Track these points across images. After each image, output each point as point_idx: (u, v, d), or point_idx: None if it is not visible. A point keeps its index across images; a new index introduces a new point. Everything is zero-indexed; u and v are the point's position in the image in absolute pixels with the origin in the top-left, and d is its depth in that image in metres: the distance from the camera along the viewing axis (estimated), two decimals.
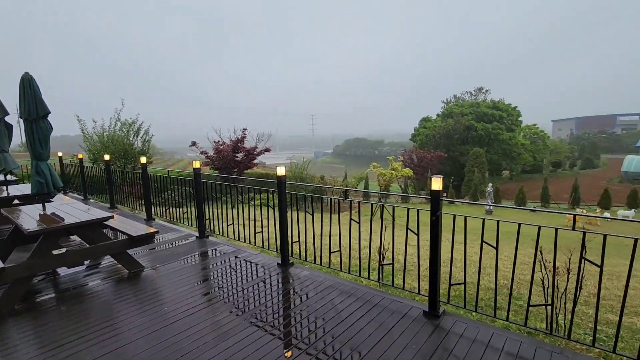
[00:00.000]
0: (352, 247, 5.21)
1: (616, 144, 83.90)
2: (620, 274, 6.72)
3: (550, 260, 3.15)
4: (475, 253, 6.12)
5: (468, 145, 35.65)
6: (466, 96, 48.87)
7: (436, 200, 3.13)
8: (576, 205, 22.54)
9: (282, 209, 4.50)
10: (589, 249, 2.64)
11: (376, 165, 16.38)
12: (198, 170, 5.59)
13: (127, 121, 13.31)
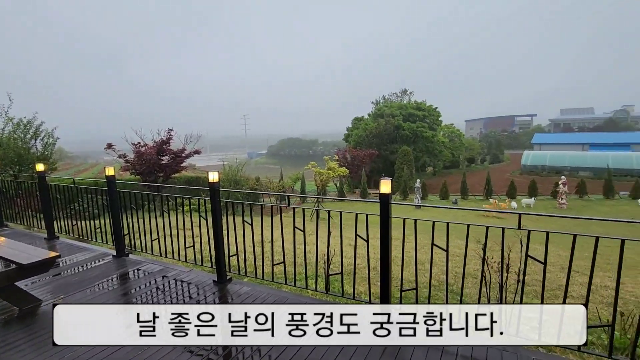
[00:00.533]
0: (297, 254, 4.92)
1: (515, 141, 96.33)
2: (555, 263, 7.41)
3: (492, 257, 3.22)
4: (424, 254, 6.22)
5: (397, 144, 37.79)
6: (393, 97, 51.83)
7: (386, 205, 2.99)
8: (489, 196, 25.31)
9: (216, 218, 4.02)
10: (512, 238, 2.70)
11: (314, 165, 16.29)
12: (112, 178, 4.78)
13: (21, 121, 11.23)
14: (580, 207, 22.38)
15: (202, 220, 4.40)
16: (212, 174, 4.02)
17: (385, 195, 2.97)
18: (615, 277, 2.37)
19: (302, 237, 3.92)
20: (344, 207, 23.88)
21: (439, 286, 4.87)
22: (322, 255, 5.14)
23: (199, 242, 4.55)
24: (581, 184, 25.11)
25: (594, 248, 2.41)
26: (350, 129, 45.14)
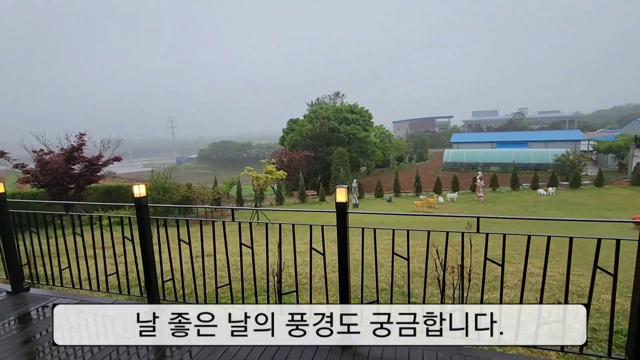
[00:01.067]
0: (244, 269, 4.48)
1: (437, 140, 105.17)
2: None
3: (449, 261, 3.21)
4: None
5: (332, 146, 38.53)
6: (326, 99, 52.85)
7: (343, 215, 2.77)
8: (419, 192, 27.11)
9: (145, 239, 3.43)
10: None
11: (250, 169, 15.63)
12: (2, 196, 3.84)
13: None
14: (494, 198, 25.12)
15: (127, 239, 3.75)
16: (138, 187, 3.42)
17: (342, 204, 2.76)
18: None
19: (248, 250, 3.52)
20: (294, 214, 23.48)
21: (401, 292, 4.81)
22: (271, 269, 4.78)
23: (123, 264, 3.86)
24: (494, 178, 28.22)
25: (546, 246, 2.47)
26: (285, 131, 44.86)
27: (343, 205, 2.76)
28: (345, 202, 2.75)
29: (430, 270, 5.45)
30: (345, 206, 2.76)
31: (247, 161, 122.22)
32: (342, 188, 2.77)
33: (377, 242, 3.10)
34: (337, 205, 2.78)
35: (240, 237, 3.33)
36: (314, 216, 21.25)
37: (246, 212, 23.34)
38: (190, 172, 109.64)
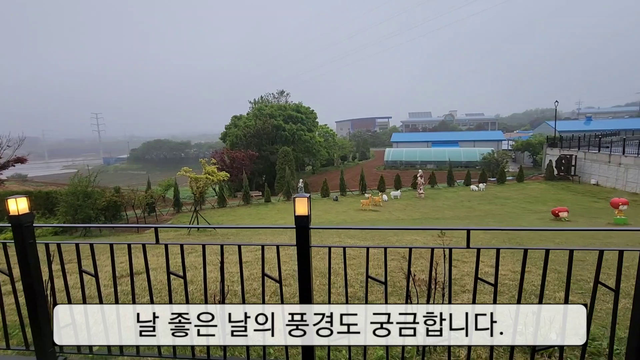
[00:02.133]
0: (176, 298, 3.63)
1: (377, 139, 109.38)
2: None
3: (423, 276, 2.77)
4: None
5: (277, 145, 37.59)
6: (270, 97, 51.62)
7: (304, 232, 2.17)
8: (364, 191, 27.49)
9: (30, 270, 2.48)
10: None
11: (188, 170, 14.24)
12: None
13: None
14: (433, 194, 26.41)
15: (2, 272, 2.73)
16: (16, 201, 2.45)
17: (302, 218, 2.15)
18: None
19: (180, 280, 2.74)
20: (239, 218, 22.10)
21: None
22: (212, 294, 3.98)
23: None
24: (432, 176, 29.72)
25: (545, 260, 2.11)
26: (228, 127, 42.79)
27: (304, 220, 2.15)
28: (307, 216, 2.15)
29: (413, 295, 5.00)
30: (307, 220, 2.16)
31: (185, 161, 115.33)
32: (302, 198, 2.15)
33: (340, 254, 2.55)
34: (296, 220, 2.16)
35: (168, 264, 2.54)
36: (261, 219, 20.34)
37: (185, 217, 21.56)
38: (120, 174, 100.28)
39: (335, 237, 10.65)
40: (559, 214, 14.95)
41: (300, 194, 2.16)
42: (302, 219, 2.14)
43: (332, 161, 63.21)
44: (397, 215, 19.70)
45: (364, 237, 9.92)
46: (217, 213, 22.48)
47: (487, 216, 18.30)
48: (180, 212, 23.45)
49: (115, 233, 16.81)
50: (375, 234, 10.56)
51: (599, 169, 26.00)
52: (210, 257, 3.86)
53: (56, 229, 16.65)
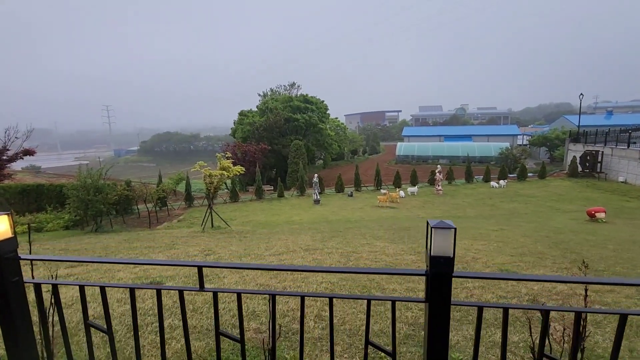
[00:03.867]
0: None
1: (387, 133, 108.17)
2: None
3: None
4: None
5: (288, 137, 36.82)
6: (281, 89, 50.72)
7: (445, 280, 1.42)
8: (380, 187, 26.65)
9: (18, 321, 1.75)
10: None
11: (203, 165, 13.60)
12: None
13: None
14: (451, 191, 25.47)
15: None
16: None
17: (441, 259, 1.39)
18: None
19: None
20: (256, 210, 21.51)
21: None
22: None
23: None
24: (450, 172, 28.72)
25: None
26: (237, 123, 42.16)
27: (443, 264, 1.39)
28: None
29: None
30: (449, 265, 1.40)
31: (194, 154, 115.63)
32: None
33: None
34: (431, 262, 1.40)
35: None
36: (275, 215, 19.71)
37: (197, 211, 21.03)
38: (131, 166, 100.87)
39: (359, 239, 9.94)
40: (596, 214, 13.98)
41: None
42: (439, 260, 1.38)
43: (343, 155, 62.32)
44: (416, 212, 18.89)
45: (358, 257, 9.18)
46: (229, 208, 21.91)
47: (513, 215, 17.39)
48: (191, 207, 22.94)
49: (127, 228, 16.34)
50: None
51: (628, 166, 24.73)
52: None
53: (67, 223, 16.24)
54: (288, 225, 16.14)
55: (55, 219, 16.21)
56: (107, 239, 11.62)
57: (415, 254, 7.56)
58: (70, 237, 12.57)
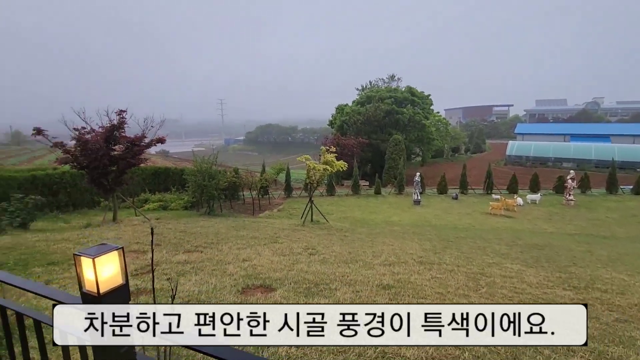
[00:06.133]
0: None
1: (494, 130, 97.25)
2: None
3: None
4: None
5: (387, 132, 35.38)
6: (380, 83, 49.20)
7: None
8: (490, 190, 23.48)
9: None
10: None
11: (307, 158, 13.51)
12: None
13: None
14: (587, 202, 20.91)
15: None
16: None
17: None
18: None
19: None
20: (352, 206, 21.22)
21: None
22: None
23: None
24: (585, 178, 23.68)
25: None
26: (334, 116, 42.34)
27: None
28: None
29: None
30: None
31: (292, 145, 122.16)
32: None
33: None
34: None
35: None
36: (372, 212, 18.81)
37: (295, 202, 21.54)
38: (237, 154, 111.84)
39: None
40: None
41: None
42: None
43: (442, 152, 57.86)
44: (541, 226, 15.86)
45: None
46: (325, 201, 21.86)
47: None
48: (290, 197, 23.65)
49: (234, 214, 17.45)
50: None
51: None
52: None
53: (186, 203, 18.09)
54: (388, 226, 15.13)
55: (177, 199, 18.25)
56: (217, 223, 12.34)
57: (571, 288, 5.82)
58: (187, 218, 13.82)
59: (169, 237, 8.57)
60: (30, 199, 10.36)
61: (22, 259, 5.80)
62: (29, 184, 14.83)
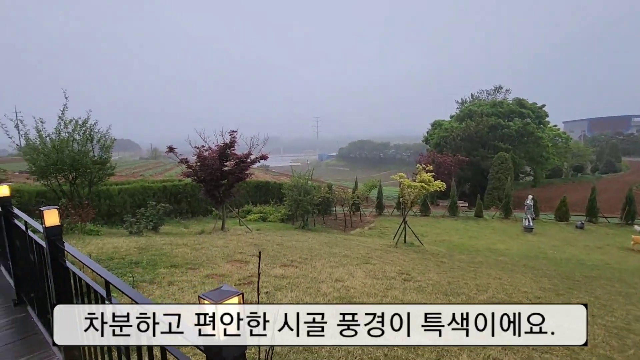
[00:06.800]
0: None
1: (634, 145, 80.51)
2: None
3: None
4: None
5: (490, 149, 32.11)
6: (483, 95, 45.33)
7: None
8: (631, 219, 19.04)
9: None
10: None
11: (402, 176, 13.07)
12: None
13: (74, 121, 10.15)
14: None
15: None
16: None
17: None
18: None
19: None
20: (449, 229, 19.90)
21: None
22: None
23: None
24: None
25: None
26: (430, 132, 40.34)
27: None
28: None
29: None
30: None
31: (384, 161, 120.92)
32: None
33: None
34: None
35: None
36: (472, 237, 17.01)
37: (386, 220, 20.96)
38: (330, 169, 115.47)
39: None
40: None
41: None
42: None
43: (560, 172, 49.96)
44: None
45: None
46: (419, 222, 20.72)
47: None
48: (381, 215, 23.15)
49: (326, 229, 17.81)
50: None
51: None
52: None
53: (283, 216, 19.17)
54: (492, 254, 13.49)
55: (275, 212, 19.52)
56: (311, 238, 12.71)
57: None
58: (284, 231, 14.60)
59: (267, 249, 9.11)
60: (161, 207, 12.26)
61: (152, 260, 6.80)
62: (160, 193, 17.67)
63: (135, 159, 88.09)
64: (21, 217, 2.93)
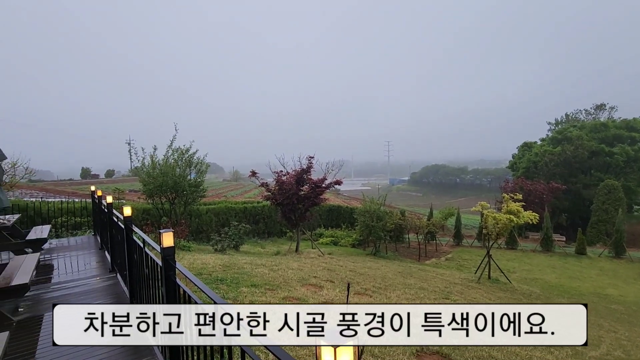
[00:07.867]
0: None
1: None
2: None
3: None
4: None
5: (595, 174, 27.90)
6: (581, 115, 40.19)
7: None
8: None
9: None
10: None
11: (485, 206, 12.06)
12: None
13: (179, 149, 11.64)
14: None
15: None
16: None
17: None
18: None
19: None
20: (544, 267, 17.81)
21: None
22: None
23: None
24: None
25: None
26: (517, 156, 36.78)
27: None
28: None
29: None
30: None
31: (460, 186, 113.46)
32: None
33: None
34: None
35: None
36: (572, 277, 14.67)
37: (465, 252, 19.35)
38: (401, 194, 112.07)
39: None
40: None
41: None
42: None
43: None
44: None
45: None
46: (505, 255, 18.68)
47: None
48: (460, 246, 21.48)
49: (399, 257, 17.13)
50: None
51: None
52: None
53: (354, 241, 19.00)
54: (602, 301, 11.46)
55: (347, 237, 19.47)
56: (383, 266, 12.33)
57: None
58: (355, 257, 14.42)
59: (340, 275, 9.07)
60: (242, 226, 13.15)
61: (235, 278, 7.26)
62: (241, 214, 19.00)
63: (219, 180, 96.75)
64: (139, 235, 3.40)
